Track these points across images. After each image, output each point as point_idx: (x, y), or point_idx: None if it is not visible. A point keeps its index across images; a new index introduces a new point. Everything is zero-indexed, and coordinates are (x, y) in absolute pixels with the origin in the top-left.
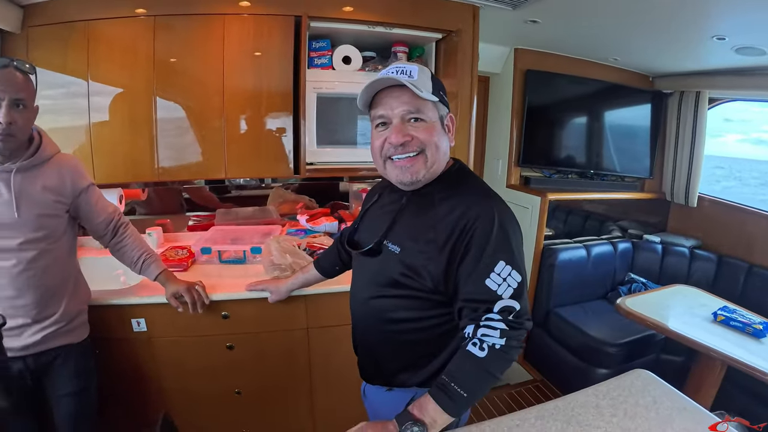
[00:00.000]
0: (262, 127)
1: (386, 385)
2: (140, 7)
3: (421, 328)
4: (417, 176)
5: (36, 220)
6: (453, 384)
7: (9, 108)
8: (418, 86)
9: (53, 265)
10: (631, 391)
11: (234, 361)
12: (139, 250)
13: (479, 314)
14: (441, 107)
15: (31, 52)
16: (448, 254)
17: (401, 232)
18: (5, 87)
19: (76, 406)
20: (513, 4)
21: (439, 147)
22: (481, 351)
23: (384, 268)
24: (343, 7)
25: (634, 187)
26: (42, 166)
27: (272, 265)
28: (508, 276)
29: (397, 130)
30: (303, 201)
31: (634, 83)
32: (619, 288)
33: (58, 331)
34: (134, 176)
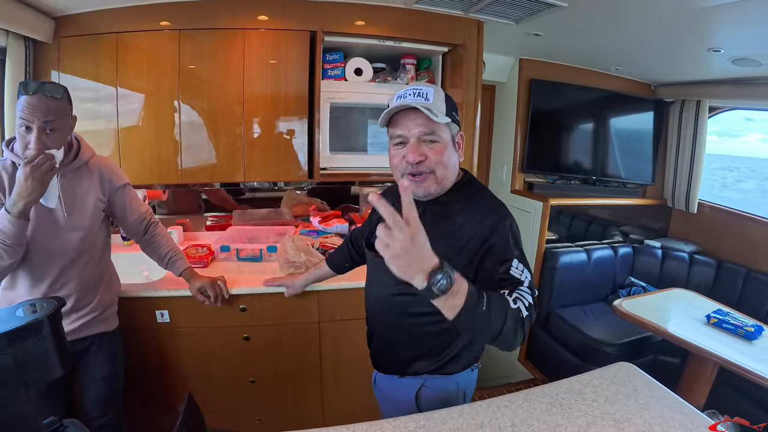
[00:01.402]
0: (279, 134)
1: (399, 373)
2: (166, 20)
3: (437, 321)
4: (429, 190)
5: (80, 220)
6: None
7: (39, 133)
8: (433, 110)
9: (92, 260)
10: (613, 380)
11: (250, 351)
12: (167, 247)
13: (513, 287)
14: (453, 127)
15: (63, 61)
16: (465, 260)
17: None
18: (33, 113)
19: (107, 390)
20: (515, 19)
21: (449, 165)
22: (514, 303)
23: None
24: (355, 21)
25: (635, 193)
26: (82, 169)
27: (287, 262)
28: (524, 271)
29: (413, 149)
30: (315, 203)
31: (636, 92)
32: (619, 291)
33: (94, 320)
34: (159, 178)
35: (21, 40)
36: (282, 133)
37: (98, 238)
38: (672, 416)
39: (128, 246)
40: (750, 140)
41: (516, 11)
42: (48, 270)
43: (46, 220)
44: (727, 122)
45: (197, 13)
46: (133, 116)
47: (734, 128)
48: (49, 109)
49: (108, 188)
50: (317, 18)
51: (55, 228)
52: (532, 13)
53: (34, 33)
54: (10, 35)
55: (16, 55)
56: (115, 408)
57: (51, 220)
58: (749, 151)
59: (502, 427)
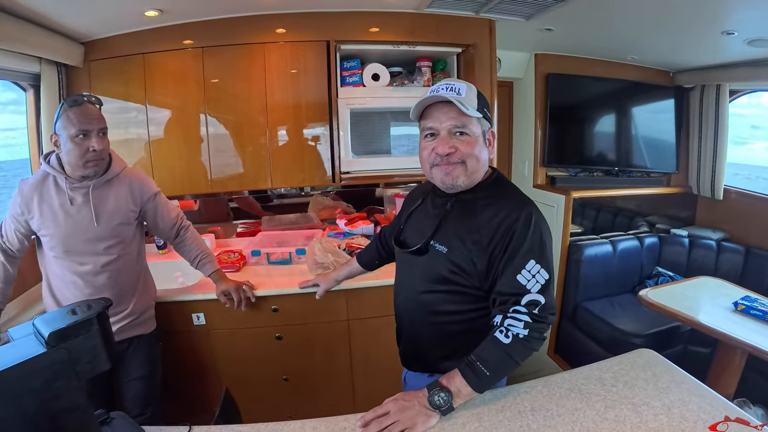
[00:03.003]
0: (301, 141)
1: (428, 371)
2: (189, 39)
3: (464, 320)
4: (457, 181)
5: (112, 229)
6: (478, 363)
7: (97, 137)
8: (465, 103)
9: (125, 267)
10: (633, 366)
11: (282, 350)
12: (197, 250)
13: (508, 306)
14: (484, 123)
15: (94, 83)
16: (491, 254)
17: (447, 234)
18: (90, 120)
19: (145, 389)
20: (525, 15)
21: (479, 159)
22: (506, 338)
23: (432, 266)
24: (369, 28)
25: (659, 182)
26: (113, 180)
27: (316, 264)
28: (537, 273)
29: (443, 142)
30: (341, 207)
31: (654, 80)
32: (647, 282)
33: (129, 324)
34: (189, 188)
35: (53, 66)
36: (305, 140)
37: (131, 246)
38: (691, 399)
39: (163, 254)
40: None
41: (525, 8)
42: (81, 277)
43: (78, 229)
44: (732, 129)
45: (218, 31)
46: (162, 131)
47: (740, 136)
48: (100, 116)
49: (140, 198)
50: (331, 28)
51: (85, 237)
52: (541, 9)
53: (65, 58)
54: (43, 62)
55: (50, 80)
56: (153, 407)
57: (82, 229)
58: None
59: (521, 411)
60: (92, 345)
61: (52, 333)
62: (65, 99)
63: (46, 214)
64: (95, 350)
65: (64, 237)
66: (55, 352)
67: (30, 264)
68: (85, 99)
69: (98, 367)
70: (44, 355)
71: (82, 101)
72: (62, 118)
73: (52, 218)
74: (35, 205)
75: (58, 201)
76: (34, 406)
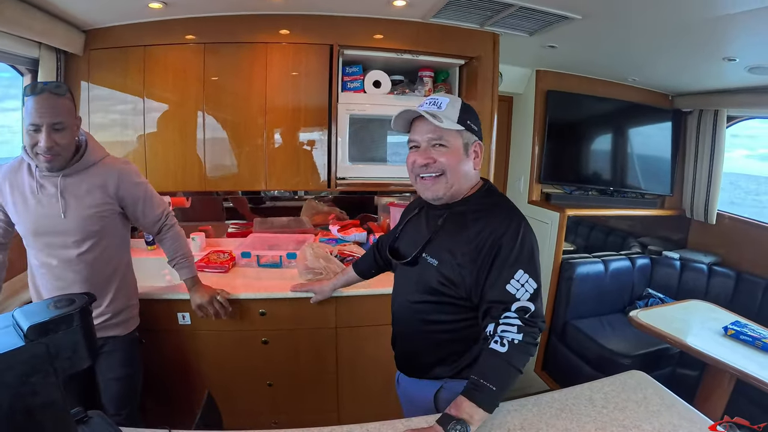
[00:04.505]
0: (299, 144)
1: (419, 376)
2: (191, 34)
3: (453, 329)
4: (438, 193)
5: (81, 221)
6: (482, 380)
7: (48, 133)
8: (441, 116)
9: (98, 263)
10: (623, 388)
11: (268, 355)
12: (176, 251)
13: (498, 313)
14: (467, 135)
15: (92, 72)
16: (479, 266)
17: (439, 247)
18: (43, 113)
19: (121, 390)
20: (529, 31)
21: (459, 170)
22: (503, 347)
23: (423, 277)
24: (373, 35)
25: (653, 203)
26: (88, 170)
27: (306, 269)
28: (526, 282)
29: (421, 153)
30: (334, 213)
31: (653, 102)
32: (637, 302)
33: (104, 323)
34: (183, 185)
35: (53, 52)
36: (302, 143)
37: (107, 240)
38: (681, 423)
39: (152, 251)
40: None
41: (530, 24)
42: (50, 270)
43: (47, 219)
44: None
45: (221, 28)
46: (159, 125)
47: None
48: (56, 108)
49: (116, 189)
50: (335, 32)
51: (54, 228)
52: (545, 26)
53: (65, 45)
54: (42, 47)
55: (48, 66)
56: (129, 408)
57: (51, 220)
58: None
59: (511, 429)
60: (73, 341)
61: (31, 326)
62: (26, 85)
63: (18, 201)
64: (75, 346)
65: (33, 226)
66: (33, 346)
67: (18, 251)
68: (44, 88)
69: (78, 363)
70: (22, 349)
71: (38, 90)
72: (24, 105)
73: (23, 206)
74: (8, 191)
75: (29, 189)
76: (8, 401)
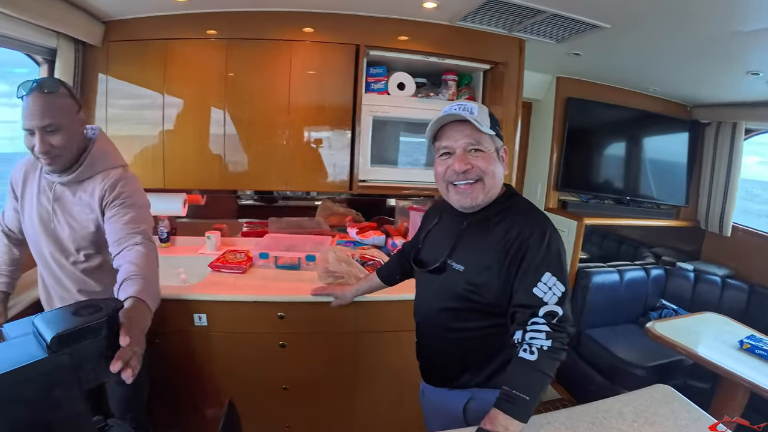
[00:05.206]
0: (321, 144)
1: (448, 385)
2: (213, 29)
3: (480, 336)
4: (476, 201)
5: (71, 232)
6: (514, 390)
7: (42, 136)
8: (480, 121)
9: (100, 272)
10: (651, 401)
11: (284, 358)
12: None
13: (526, 318)
14: (497, 140)
15: (111, 65)
16: (506, 270)
17: (464, 253)
18: (33, 116)
19: (128, 394)
20: (557, 38)
21: (495, 175)
22: (532, 354)
23: (449, 284)
24: (398, 36)
25: (669, 214)
26: (83, 183)
27: (327, 272)
28: (553, 286)
29: (459, 159)
30: (351, 214)
31: (671, 112)
32: (650, 313)
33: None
34: (201, 183)
35: (71, 43)
36: (324, 143)
37: (105, 252)
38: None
39: (165, 248)
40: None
41: (559, 31)
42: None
43: (41, 224)
44: None
45: (245, 24)
46: (177, 122)
47: None
48: (47, 109)
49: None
50: (361, 32)
51: (49, 236)
52: (574, 33)
53: (84, 36)
54: (60, 37)
55: (66, 56)
56: (136, 411)
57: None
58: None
59: None
60: (98, 351)
61: (56, 336)
62: (19, 85)
63: (26, 198)
64: (100, 357)
65: (29, 228)
66: (56, 358)
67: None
68: (34, 86)
69: (102, 374)
70: (45, 361)
71: (29, 90)
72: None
73: (29, 204)
74: (21, 183)
75: (36, 188)
76: (29, 415)
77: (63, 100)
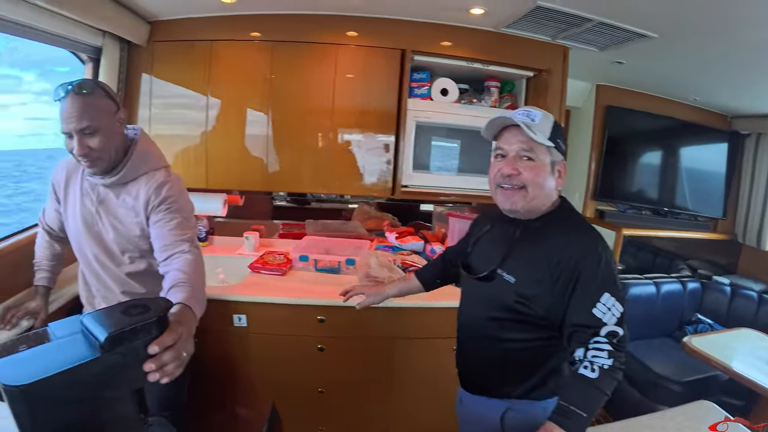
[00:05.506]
0: (364, 148)
1: (487, 394)
2: (258, 31)
3: (526, 348)
4: (515, 206)
5: (116, 235)
6: (572, 406)
7: (80, 139)
8: (535, 130)
9: (144, 275)
10: (694, 417)
11: (322, 361)
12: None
13: (587, 337)
14: (555, 153)
15: (156, 65)
16: (560, 287)
17: (516, 264)
18: (70, 119)
19: (166, 393)
20: (601, 46)
21: (542, 186)
22: (593, 372)
23: (498, 294)
24: (441, 42)
25: (706, 226)
26: (130, 184)
27: (368, 277)
28: (612, 306)
29: (508, 163)
30: (388, 219)
31: (710, 122)
32: (686, 327)
33: None
34: (243, 184)
35: (116, 42)
36: (366, 148)
37: (149, 256)
38: None
39: (204, 247)
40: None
41: (604, 39)
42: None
43: (86, 227)
44: None
45: (290, 26)
46: (221, 123)
47: None
48: (85, 109)
49: (143, 209)
50: (406, 37)
51: (94, 240)
52: (619, 42)
53: (130, 35)
54: (106, 36)
55: (112, 55)
56: (172, 410)
57: (91, 230)
58: None
59: None
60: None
61: (110, 336)
62: (55, 88)
63: (69, 200)
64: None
65: (73, 230)
66: (109, 357)
67: None
68: (68, 89)
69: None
70: (98, 360)
71: (65, 93)
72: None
73: (72, 206)
74: (63, 184)
75: (79, 189)
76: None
77: (100, 101)
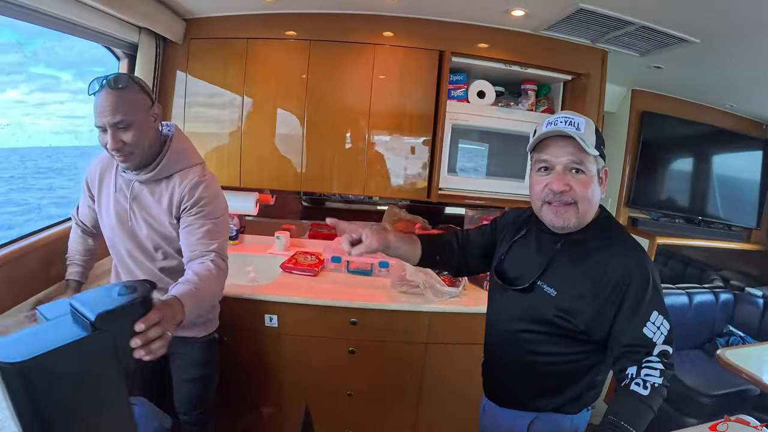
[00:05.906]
0: (401, 150)
1: (514, 407)
2: (295, 30)
3: (562, 362)
4: (568, 222)
5: (149, 231)
6: (622, 422)
7: (113, 133)
8: (585, 140)
9: (174, 273)
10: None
11: (353, 364)
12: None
13: (640, 357)
14: (599, 161)
15: (191, 62)
16: (604, 303)
17: (557, 277)
18: (103, 113)
19: (195, 391)
20: (641, 51)
21: (592, 200)
22: (645, 389)
23: (537, 307)
24: (478, 43)
25: (740, 236)
26: (160, 183)
27: (402, 280)
28: (661, 325)
29: (558, 178)
30: (419, 221)
31: (745, 130)
32: (717, 339)
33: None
34: (276, 183)
35: (152, 38)
36: (404, 149)
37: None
38: None
39: (234, 245)
40: None
41: (644, 43)
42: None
43: (119, 223)
44: None
45: (327, 25)
46: (255, 121)
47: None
48: (119, 103)
49: (176, 208)
50: (444, 38)
51: (126, 235)
52: (660, 47)
53: (166, 32)
54: (142, 32)
55: (147, 51)
56: (201, 409)
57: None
58: None
59: None
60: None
61: (100, 315)
62: (90, 83)
63: (103, 195)
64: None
65: (107, 226)
66: (100, 335)
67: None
68: (102, 83)
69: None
70: (88, 338)
71: (99, 87)
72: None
73: (105, 202)
74: (97, 180)
75: (113, 185)
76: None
77: (134, 95)
